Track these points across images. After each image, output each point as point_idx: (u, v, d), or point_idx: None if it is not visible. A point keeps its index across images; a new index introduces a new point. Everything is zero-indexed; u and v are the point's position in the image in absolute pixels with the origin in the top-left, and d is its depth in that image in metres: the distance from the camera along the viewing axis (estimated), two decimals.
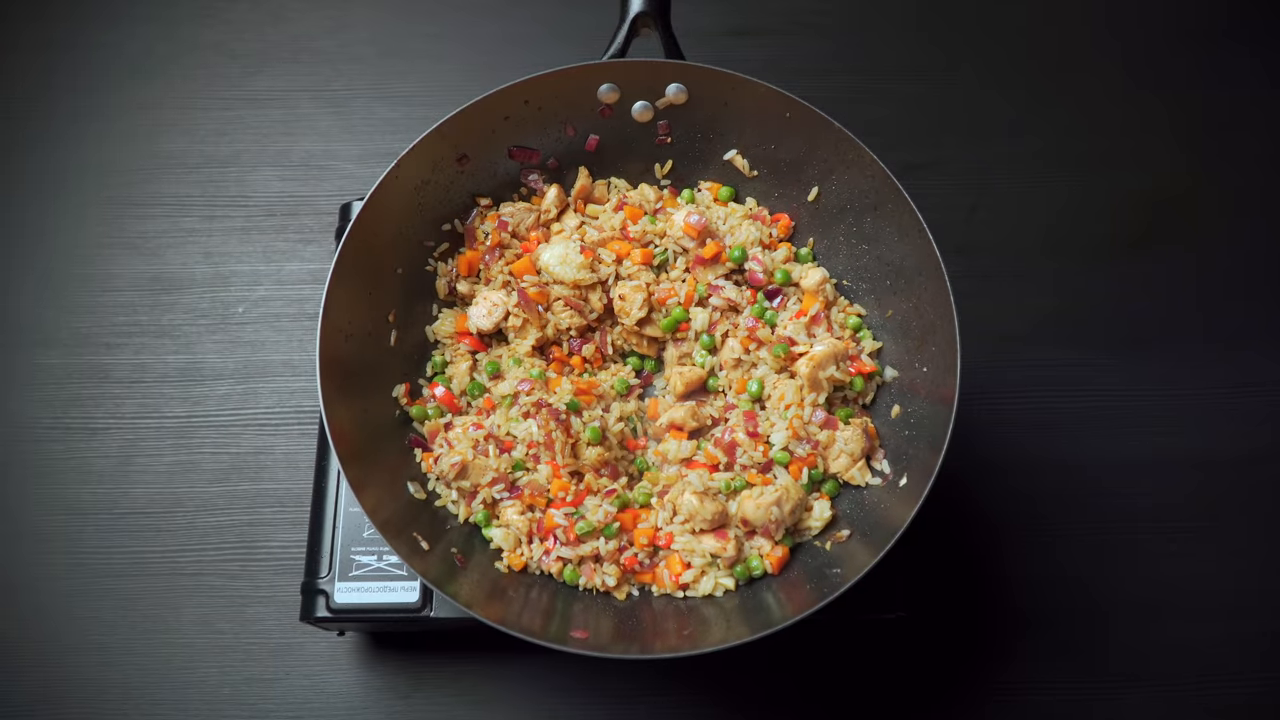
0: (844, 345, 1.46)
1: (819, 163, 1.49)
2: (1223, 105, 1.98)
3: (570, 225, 1.54)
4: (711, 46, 2.00)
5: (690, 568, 1.37)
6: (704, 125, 1.53)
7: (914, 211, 1.36)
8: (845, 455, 1.42)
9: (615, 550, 1.37)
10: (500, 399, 1.43)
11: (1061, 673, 1.60)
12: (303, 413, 1.74)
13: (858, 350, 1.49)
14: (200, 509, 1.67)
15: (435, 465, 1.41)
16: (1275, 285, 1.85)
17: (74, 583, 1.62)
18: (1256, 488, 1.71)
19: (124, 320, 1.80)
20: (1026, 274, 1.85)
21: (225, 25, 2.03)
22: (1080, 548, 1.67)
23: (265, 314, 1.81)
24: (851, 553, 1.35)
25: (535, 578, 1.39)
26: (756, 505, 1.36)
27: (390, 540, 1.24)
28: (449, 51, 2.02)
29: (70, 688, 1.57)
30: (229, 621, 1.60)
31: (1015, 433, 1.74)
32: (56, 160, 1.90)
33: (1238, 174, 1.93)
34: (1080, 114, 1.98)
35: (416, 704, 1.56)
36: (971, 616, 1.62)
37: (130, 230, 1.86)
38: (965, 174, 1.93)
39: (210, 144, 1.93)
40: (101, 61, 1.98)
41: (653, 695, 1.57)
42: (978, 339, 1.70)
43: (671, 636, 1.29)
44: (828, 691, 1.58)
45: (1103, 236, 1.88)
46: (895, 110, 1.97)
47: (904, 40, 2.05)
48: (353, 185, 1.90)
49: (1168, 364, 1.79)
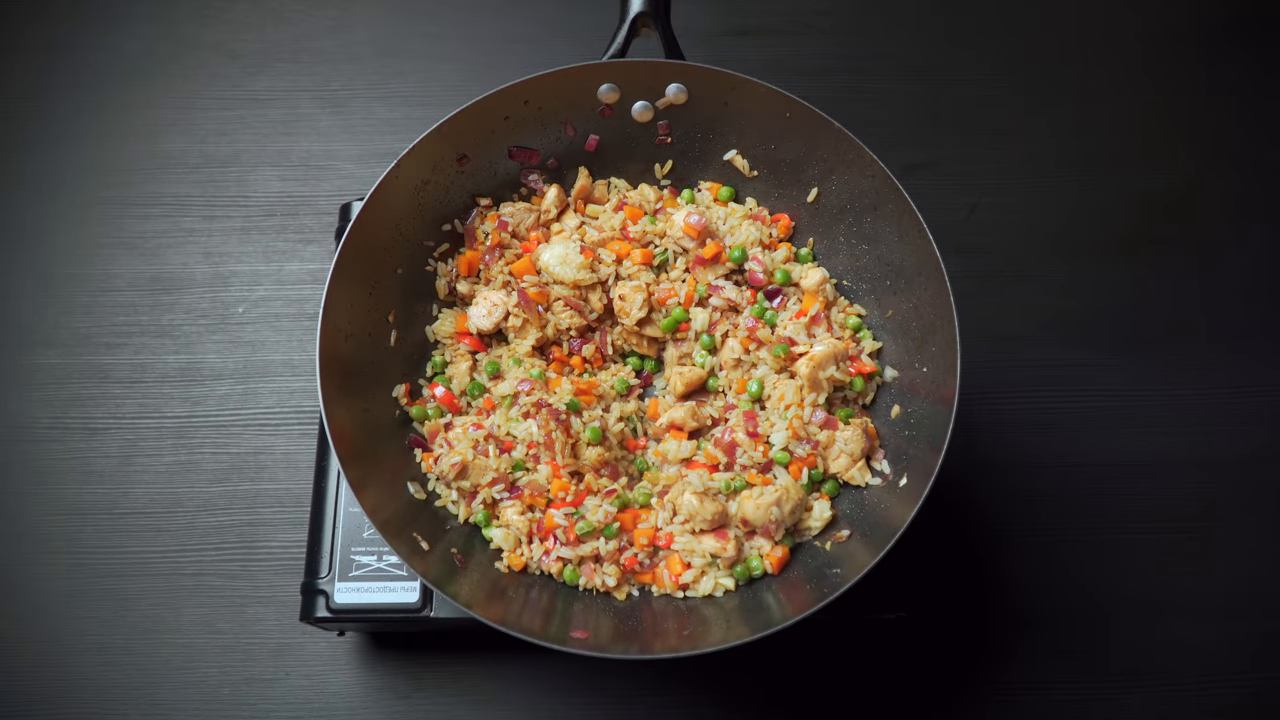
0: (844, 345, 1.45)
1: (819, 163, 1.49)
2: (1225, 106, 1.98)
3: (570, 225, 1.54)
4: (711, 46, 2.00)
5: (690, 568, 1.37)
6: (704, 125, 1.53)
7: (914, 211, 1.36)
8: (845, 455, 1.42)
9: (615, 550, 1.37)
10: (500, 399, 1.43)
11: (1061, 673, 1.60)
12: (303, 413, 1.74)
13: (858, 350, 1.49)
14: (200, 509, 1.67)
15: (435, 465, 1.41)
16: (1277, 286, 1.85)
17: (74, 583, 1.62)
18: (1258, 488, 1.71)
19: (124, 320, 1.80)
20: (1027, 274, 1.85)
21: (225, 25, 2.03)
22: (1080, 548, 1.67)
23: (265, 314, 1.81)
24: (851, 553, 1.35)
25: (535, 578, 1.39)
26: (756, 505, 1.36)
27: (390, 540, 1.23)
28: (449, 51, 2.02)
29: (70, 688, 1.57)
30: (229, 621, 1.60)
31: (1016, 433, 1.74)
32: (56, 160, 1.90)
33: (1240, 175, 1.93)
34: (1081, 114, 1.98)
35: (416, 704, 1.56)
36: (971, 616, 1.62)
37: (130, 230, 1.86)
38: (965, 174, 1.93)
39: (210, 144, 1.93)
40: (101, 61, 1.98)
41: (653, 695, 1.57)
42: (978, 339, 1.70)
43: (671, 636, 1.29)
44: (828, 691, 1.58)
45: (1104, 237, 1.88)
46: (895, 110, 1.97)
47: (904, 40, 2.04)
48: (353, 185, 1.90)
49: (1168, 364, 1.79)
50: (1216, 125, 1.97)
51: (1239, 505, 1.70)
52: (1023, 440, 1.73)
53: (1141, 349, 1.80)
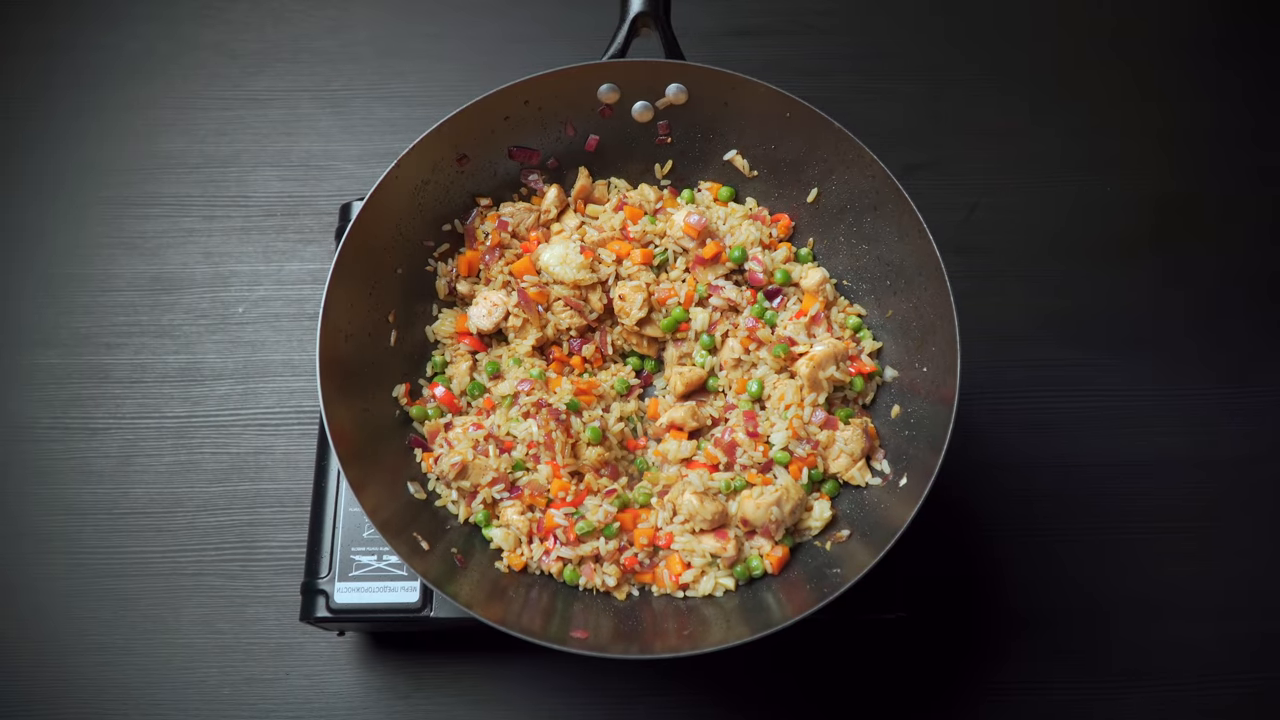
0: (844, 345, 1.45)
1: (819, 163, 1.49)
2: (1223, 108, 1.98)
3: (570, 225, 1.54)
4: (711, 46, 2.00)
5: (690, 568, 1.37)
6: (704, 125, 1.53)
7: (914, 211, 1.36)
8: (845, 455, 1.42)
9: (615, 550, 1.37)
10: (500, 399, 1.43)
11: (1060, 673, 1.60)
12: (303, 413, 1.74)
13: (858, 350, 1.49)
14: (200, 509, 1.67)
15: (435, 465, 1.41)
16: (1275, 286, 1.85)
17: (74, 583, 1.62)
18: (1256, 488, 1.71)
19: (124, 320, 1.80)
20: (1027, 274, 1.85)
21: (225, 25, 2.03)
22: (1080, 548, 1.67)
23: (265, 314, 1.81)
24: (851, 553, 1.35)
25: (535, 578, 1.39)
26: (756, 505, 1.36)
27: (390, 540, 1.24)
28: (449, 51, 2.02)
29: (70, 688, 1.57)
30: (229, 621, 1.60)
31: (1015, 433, 1.74)
32: (56, 160, 1.90)
33: (1238, 176, 1.93)
34: (1080, 115, 1.98)
35: (416, 704, 1.56)
36: (971, 616, 1.62)
37: (130, 230, 1.86)
38: (965, 174, 1.93)
39: (210, 144, 1.93)
40: (101, 61, 1.98)
41: (653, 695, 1.57)
42: (977, 339, 1.70)
43: (671, 636, 1.29)
44: (828, 691, 1.58)
45: (1104, 237, 1.88)
46: (895, 110, 1.97)
47: (904, 40, 2.05)
48: (353, 185, 1.90)
49: (1167, 365, 1.79)
50: (1216, 127, 1.97)
51: (1237, 505, 1.70)
52: (1022, 440, 1.73)
53: (1140, 349, 1.80)
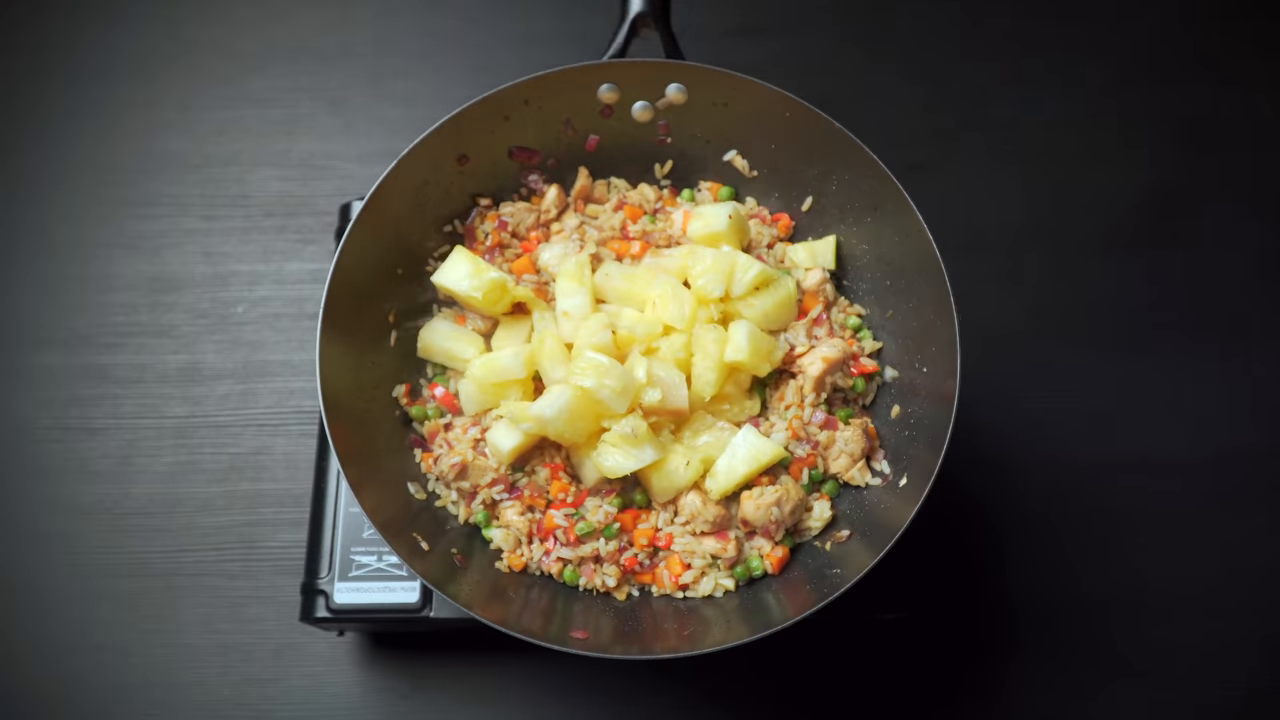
0: (849, 347, 1.45)
1: (819, 163, 1.49)
2: (1222, 106, 1.98)
3: (570, 225, 1.54)
4: (711, 46, 2.00)
5: (690, 568, 1.37)
6: (704, 125, 1.53)
7: (914, 211, 1.36)
8: (845, 455, 1.42)
9: (615, 551, 1.37)
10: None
11: (1060, 672, 1.60)
12: (303, 413, 1.74)
13: (858, 350, 1.49)
14: (200, 509, 1.67)
15: (435, 465, 1.41)
16: (1272, 283, 1.85)
17: (74, 583, 1.62)
18: (1256, 486, 1.71)
19: (124, 320, 1.80)
20: (1026, 274, 1.85)
21: (225, 25, 2.02)
22: (1079, 547, 1.67)
23: (265, 314, 1.81)
24: (851, 553, 1.35)
25: (535, 578, 1.39)
26: (756, 505, 1.36)
27: (390, 541, 1.23)
28: (449, 51, 2.02)
29: (70, 688, 1.57)
30: (229, 621, 1.60)
31: (1015, 432, 1.74)
32: (55, 160, 1.90)
33: (1237, 173, 1.93)
34: (1080, 114, 1.98)
35: (416, 704, 1.56)
36: (971, 616, 1.63)
37: (129, 230, 1.86)
38: (965, 174, 1.93)
39: (210, 144, 1.93)
40: (101, 61, 1.98)
41: (653, 695, 1.57)
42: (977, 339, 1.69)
43: (671, 637, 1.29)
44: (827, 692, 1.58)
45: (1102, 236, 1.88)
46: (895, 110, 1.97)
47: (904, 40, 2.04)
48: (353, 185, 1.90)
49: (1167, 363, 1.79)
50: (1214, 124, 1.97)
51: (1237, 504, 1.70)
52: (1021, 439, 1.73)
53: (1140, 348, 1.80)
